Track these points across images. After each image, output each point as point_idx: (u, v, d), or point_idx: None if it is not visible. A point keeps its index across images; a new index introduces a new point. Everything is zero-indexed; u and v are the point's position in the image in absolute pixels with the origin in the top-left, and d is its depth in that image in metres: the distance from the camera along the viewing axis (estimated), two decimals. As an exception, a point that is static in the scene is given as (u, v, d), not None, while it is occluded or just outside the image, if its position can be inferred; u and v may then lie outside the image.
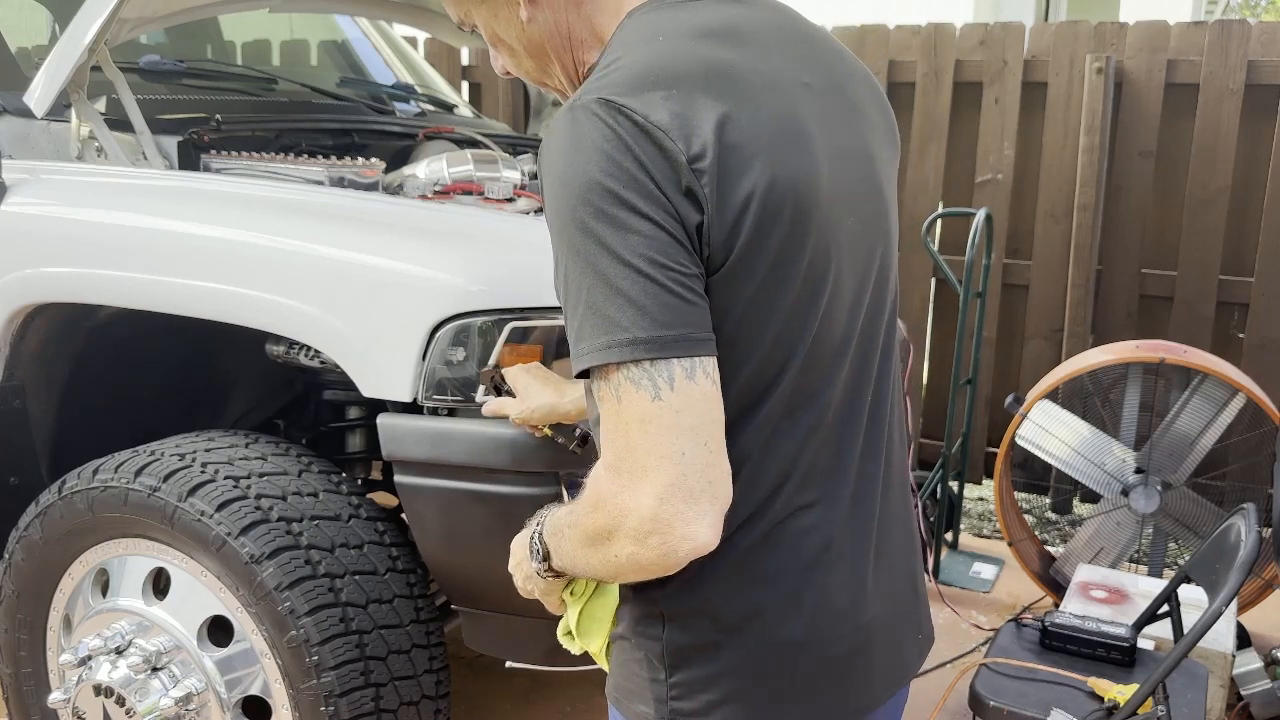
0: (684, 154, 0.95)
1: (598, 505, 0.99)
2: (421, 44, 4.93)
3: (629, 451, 0.95)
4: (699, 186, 0.95)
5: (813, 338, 1.04)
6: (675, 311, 0.94)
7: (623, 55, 1.02)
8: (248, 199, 2.16)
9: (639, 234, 0.93)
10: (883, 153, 1.15)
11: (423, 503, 1.95)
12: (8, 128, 2.41)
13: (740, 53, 1.03)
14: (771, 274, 1.00)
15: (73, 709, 2.09)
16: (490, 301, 1.88)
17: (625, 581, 1.09)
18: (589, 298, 0.95)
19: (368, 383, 1.95)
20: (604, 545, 1.00)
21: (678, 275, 0.94)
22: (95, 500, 2.04)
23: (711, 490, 0.95)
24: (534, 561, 1.16)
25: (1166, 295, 3.88)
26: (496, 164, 2.52)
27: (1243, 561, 1.97)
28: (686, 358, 0.94)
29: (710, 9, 1.07)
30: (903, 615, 1.21)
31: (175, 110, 2.54)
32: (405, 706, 2.00)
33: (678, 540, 0.94)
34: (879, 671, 1.16)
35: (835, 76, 1.11)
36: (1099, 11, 11.22)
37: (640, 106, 0.95)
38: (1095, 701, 2.12)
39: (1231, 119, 3.70)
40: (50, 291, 2.23)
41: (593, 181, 0.94)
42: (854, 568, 1.12)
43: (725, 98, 0.98)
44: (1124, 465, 3.09)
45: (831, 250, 1.04)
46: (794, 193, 1.00)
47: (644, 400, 0.93)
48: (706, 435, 0.95)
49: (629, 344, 0.93)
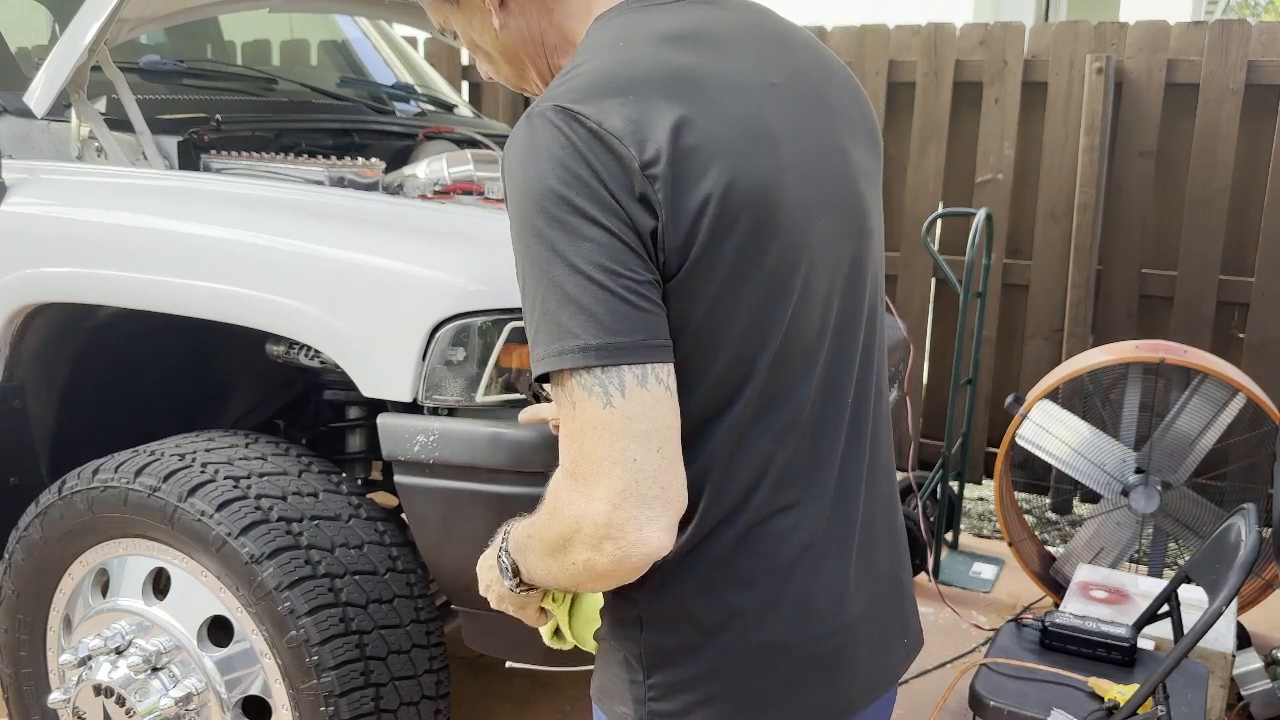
0: (637, 159, 0.94)
1: (554, 513, 1.00)
2: (421, 44, 4.93)
3: (583, 458, 0.95)
4: (652, 192, 0.94)
5: (781, 340, 1.03)
6: (627, 319, 0.94)
7: (583, 61, 1.02)
8: (248, 199, 2.16)
9: (592, 241, 0.93)
10: (861, 152, 1.13)
11: (423, 503, 1.95)
12: (8, 128, 2.41)
13: (704, 56, 1.02)
14: (732, 277, 0.99)
15: (73, 709, 2.09)
16: (490, 301, 1.88)
17: (586, 588, 1.07)
18: (543, 304, 0.95)
19: (368, 383, 1.95)
20: (562, 554, 1.00)
21: (630, 282, 0.94)
22: (95, 500, 2.04)
23: (664, 496, 0.95)
24: (505, 580, 1.15)
25: (1166, 295, 3.88)
26: (496, 164, 2.52)
27: (1243, 561, 1.97)
28: (638, 364, 0.94)
29: (677, 12, 1.06)
30: (887, 617, 1.20)
31: (175, 110, 2.54)
32: (405, 706, 2.00)
33: (630, 545, 0.94)
34: (862, 674, 1.15)
35: (808, 76, 1.10)
36: (1099, 11, 11.22)
37: (595, 113, 0.95)
38: (1095, 701, 2.12)
39: (1231, 119, 3.70)
40: (50, 291, 2.23)
41: (547, 189, 0.94)
42: (836, 569, 1.11)
43: (684, 102, 0.97)
44: (1124, 465, 3.09)
45: (799, 251, 1.03)
46: (755, 195, 0.99)
47: (596, 407, 0.93)
48: (660, 441, 0.95)
49: (580, 350, 0.93)
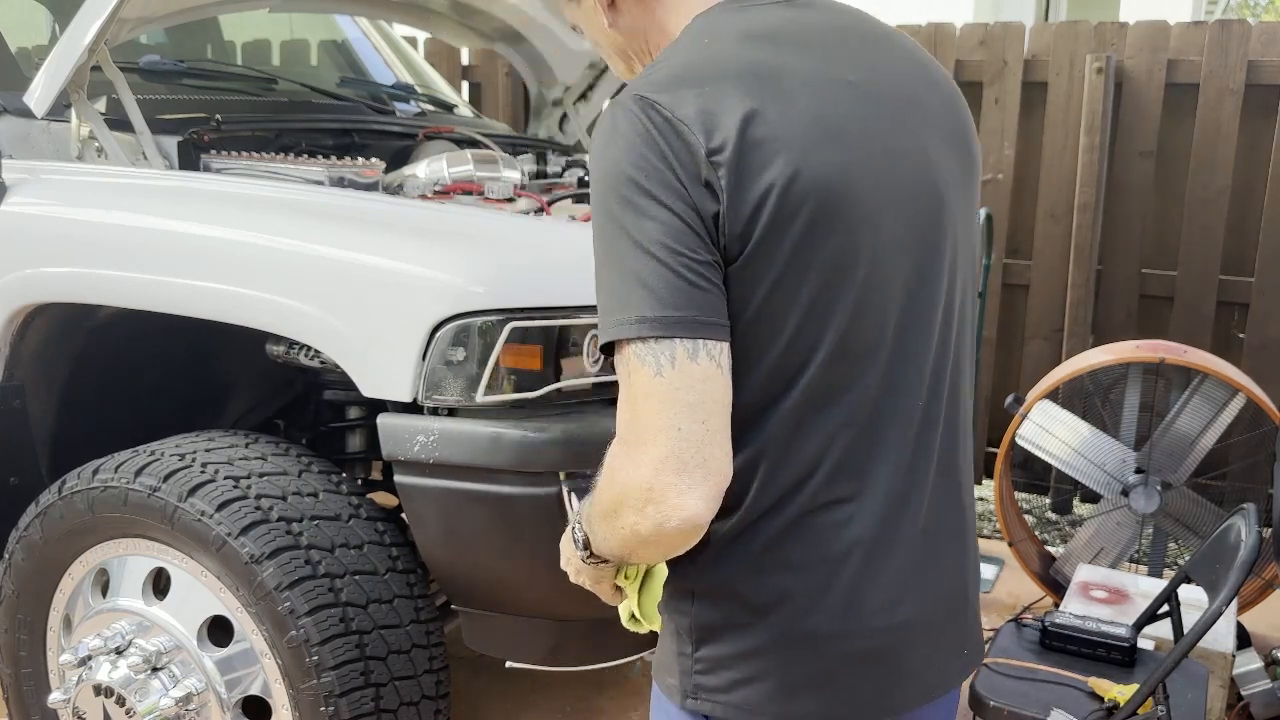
0: (704, 147, 0.99)
1: (607, 478, 1.05)
2: (421, 44, 4.92)
3: (633, 424, 1.01)
4: (716, 179, 0.99)
5: (840, 334, 1.06)
6: (683, 295, 0.99)
7: (670, 56, 1.09)
8: (248, 199, 2.16)
9: (657, 221, 0.99)
10: (947, 156, 1.15)
11: (423, 503, 1.95)
12: (8, 128, 2.41)
13: (784, 53, 1.07)
14: (791, 266, 1.03)
15: (73, 709, 2.09)
16: (490, 301, 1.88)
17: (639, 557, 1.11)
18: (610, 279, 1.02)
19: (368, 383, 1.95)
20: (614, 518, 1.05)
21: (690, 261, 0.99)
22: (95, 500, 2.04)
23: (705, 466, 0.99)
24: (578, 551, 1.20)
25: (1166, 295, 3.88)
26: (496, 164, 2.52)
27: (1243, 561, 1.97)
28: (690, 339, 0.99)
29: (766, 12, 1.11)
30: (944, 627, 1.20)
31: (175, 110, 2.54)
32: (405, 706, 2.00)
33: (670, 510, 0.99)
34: (909, 678, 1.16)
35: (894, 77, 1.13)
36: (1099, 11, 11.22)
37: (670, 102, 1.01)
38: (1095, 701, 2.12)
39: (1231, 119, 3.70)
40: (50, 291, 2.23)
41: (621, 172, 1.01)
42: (890, 569, 1.12)
43: (756, 95, 1.02)
44: (1124, 465, 3.09)
45: (863, 248, 1.06)
46: (819, 188, 1.02)
47: (647, 376, 0.99)
48: (706, 414, 0.99)
49: (636, 322, 0.99)
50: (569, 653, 2.13)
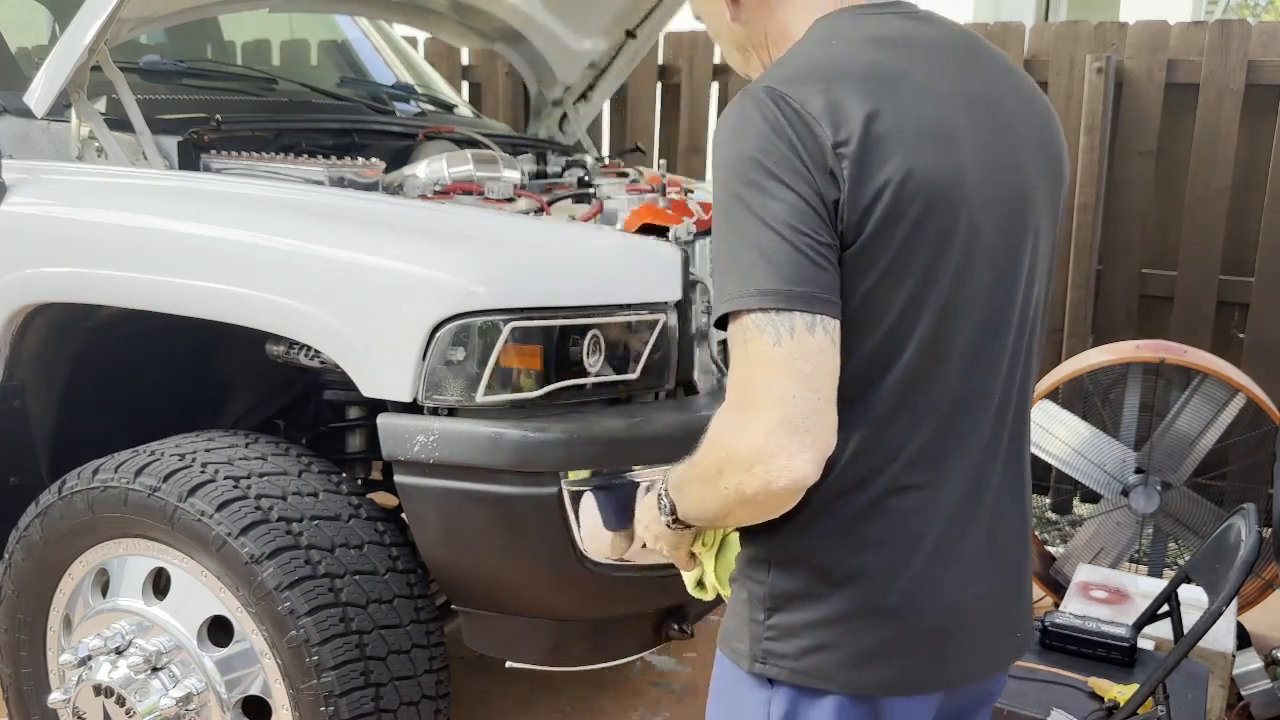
0: (830, 139, 1.07)
1: (713, 441, 1.13)
2: (421, 44, 4.92)
3: (747, 390, 1.08)
4: (840, 169, 1.07)
5: (933, 327, 1.14)
6: (805, 271, 1.06)
7: (797, 53, 1.17)
8: (248, 199, 2.16)
9: (783, 202, 1.07)
10: (1037, 172, 1.23)
11: (423, 503, 1.95)
12: (8, 128, 2.41)
13: (903, 59, 1.16)
14: (898, 260, 1.11)
15: (73, 709, 2.09)
16: (490, 301, 1.88)
17: (735, 518, 1.18)
18: (732, 254, 1.09)
19: (368, 383, 1.95)
20: (716, 479, 1.12)
21: (812, 241, 1.07)
22: (95, 500, 2.04)
23: (814, 432, 1.06)
24: (663, 515, 1.27)
25: (1166, 295, 3.88)
26: (496, 164, 2.52)
27: (1243, 561, 1.97)
28: (809, 313, 1.06)
29: (885, 22, 1.19)
30: (1003, 609, 1.28)
31: (175, 110, 2.54)
32: (405, 706, 2.00)
33: (778, 471, 1.06)
34: (969, 654, 1.24)
35: (997, 94, 1.22)
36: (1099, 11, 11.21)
37: (798, 95, 1.09)
38: (1095, 701, 2.12)
39: (1231, 119, 3.70)
40: (50, 291, 2.23)
41: (749, 156, 1.08)
42: (957, 555, 1.20)
43: (878, 96, 1.10)
44: (1124, 465, 3.09)
45: (960, 248, 1.14)
46: (929, 188, 1.10)
47: (766, 345, 1.06)
48: (818, 384, 1.06)
49: (759, 294, 1.06)
50: (569, 653, 2.13)
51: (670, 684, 2.95)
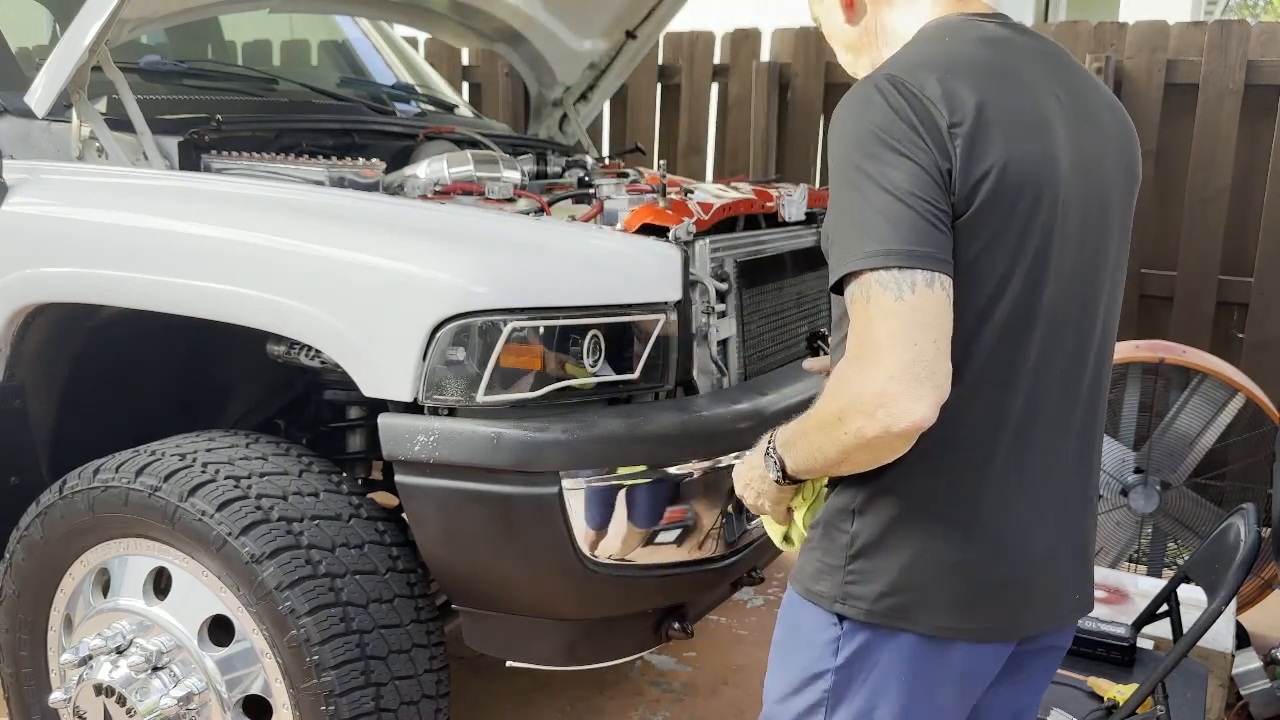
0: (946, 120, 1.19)
1: (835, 391, 1.22)
2: (421, 44, 4.93)
3: (869, 341, 1.17)
4: (953, 146, 1.19)
5: (1023, 302, 1.25)
6: (924, 234, 1.17)
7: (913, 48, 1.30)
8: (248, 199, 2.16)
9: (902, 170, 1.18)
10: (1115, 171, 1.36)
11: (423, 502, 1.95)
12: (9, 128, 2.41)
13: (1006, 58, 1.29)
14: (998, 233, 1.22)
15: (73, 708, 2.09)
16: (491, 301, 1.88)
17: (850, 463, 1.26)
18: (856, 217, 1.19)
19: (368, 383, 1.95)
20: (837, 426, 1.21)
21: (930, 207, 1.18)
22: (96, 500, 2.04)
23: (933, 379, 1.16)
24: (771, 473, 1.37)
25: (1166, 295, 3.88)
26: (497, 164, 2.52)
27: (1242, 561, 1.98)
28: (929, 270, 1.16)
29: (989, 26, 1.32)
30: (1068, 570, 1.39)
31: (176, 110, 2.54)
32: (405, 706, 2.00)
33: (900, 413, 1.15)
34: (1033, 607, 1.35)
35: (1084, 100, 1.34)
36: (1099, 11, 11.21)
37: (917, 81, 1.21)
38: (1095, 701, 2.12)
39: (1231, 119, 3.70)
40: (51, 291, 2.23)
41: (871, 131, 1.20)
42: (1033, 514, 1.31)
43: (987, 88, 1.23)
44: (1123, 465, 3.10)
45: (1050, 232, 1.25)
46: (1027, 174, 1.22)
47: (889, 299, 1.16)
48: (936, 334, 1.16)
49: (884, 253, 1.16)
50: (569, 652, 2.13)
51: (670, 684, 2.96)
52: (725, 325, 2.19)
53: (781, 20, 4.53)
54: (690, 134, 4.65)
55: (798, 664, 1.38)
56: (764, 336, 2.37)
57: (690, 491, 1.99)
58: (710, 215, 2.23)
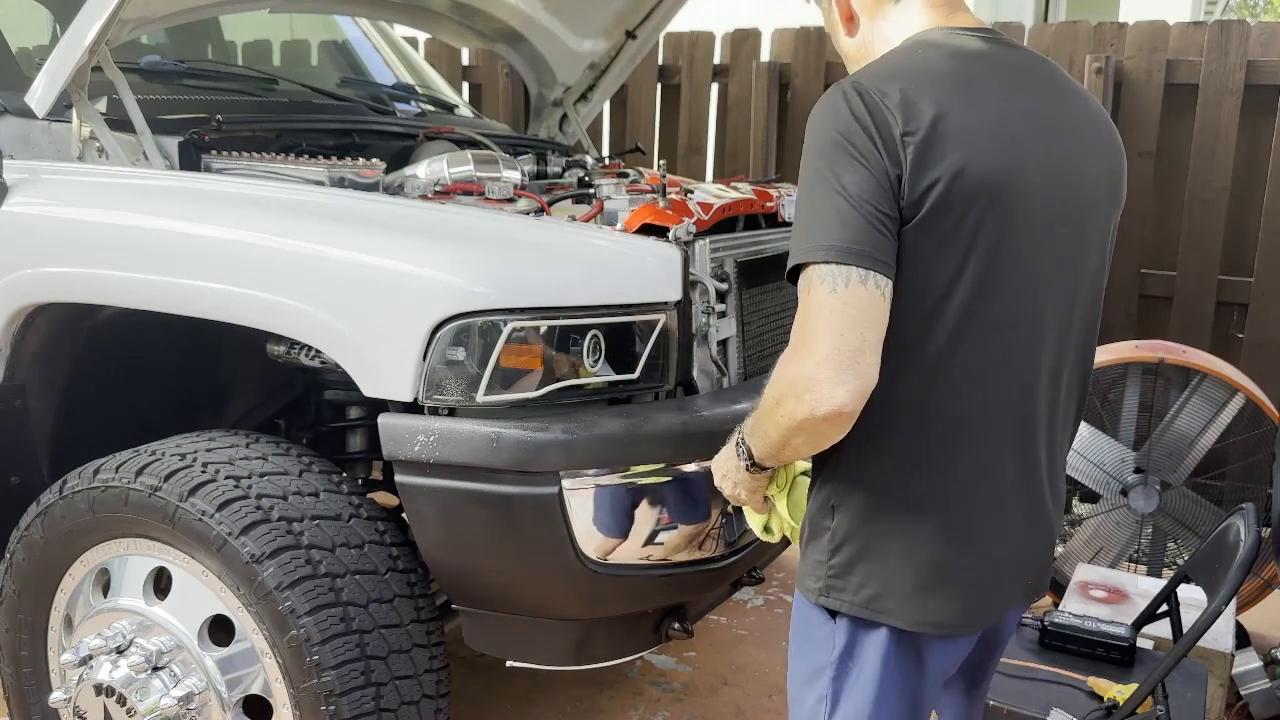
0: (900, 127, 1.26)
1: (776, 375, 1.32)
2: (422, 44, 4.93)
3: (805, 329, 1.26)
4: (903, 153, 1.26)
5: (976, 301, 1.31)
6: (865, 235, 1.25)
7: (889, 57, 1.38)
8: (249, 199, 2.16)
9: (854, 175, 1.26)
10: (1096, 182, 1.43)
11: (423, 502, 1.95)
12: (9, 128, 2.41)
13: (977, 72, 1.35)
14: (947, 238, 1.28)
15: (74, 708, 2.10)
16: (491, 302, 1.88)
17: (791, 448, 1.35)
18: (809, 214, 1.29)
19: (368, 383, 1.95)
20: (776, 409, 1.31)
21: (875, 211, 1.25)
22: (96, 500, 2.04)
23: (856, 369, 1.24)
24: (741, 460, 1.47)
25: (1165, 295, 3.88)
26: (497, 164, 2.52)
27: (1242, 561, 1.98)
28: (863, 269, 1.24)
29: (969, 39, 1.39)
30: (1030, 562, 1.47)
31: (176, 110, 2.54)
32: (405, 705, 2.00)
33: (823, 398, 1.24)
34: (998, 598, 1.43)
35: (1065, 115, 1.40)
36: (1098, 11, 11.21)
37: (881, 89, 1.29)
38: (1095, 701, 2.13)
39: (1231, 119, 3.70)
40: (51, 291, 2.23)
41: (832, 135, 1.28)
42: (1002, 509, 1.39)
43: (950, 99, 1.29)
44: (1123, 465, 3.10)
45: (1006, 245, 1.31)
46: (983, 185, 1.28)
47: (825, 291, 1.25)
48: (864, 328, 1.24)
49: (825, 249, 1.25)
50: (569, 652, 2.14)
51: (670, 684, 2.96)
52: (725, 325, 2.20)
53: (781, 20, 4.54)
54: (690, 134, 4.65)
55: (806, 658, 1.47)
56: (764, 336, 2.38)
57: (690, 492, 1.99)
58: (710, 215, 2.23)
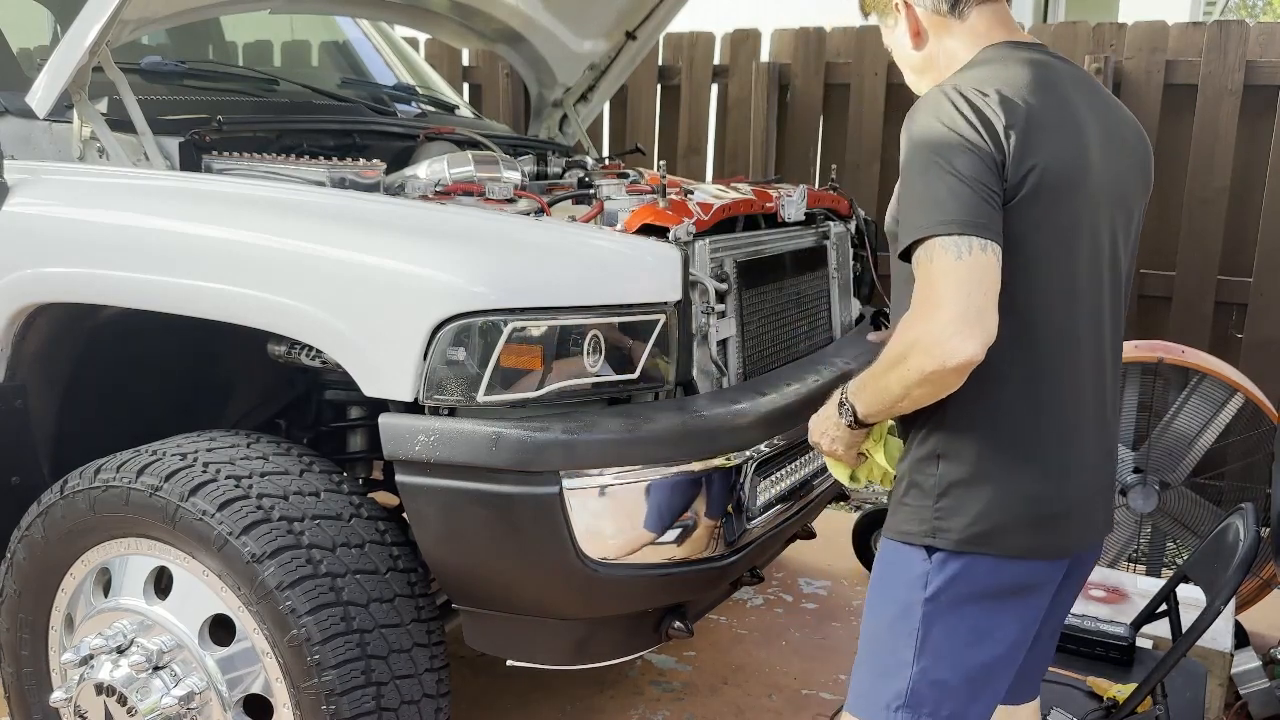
0: (1002, 121, 1.48)
1: (899, 335, 1.49)
2: (422, 45, 4.93)
3: (931, 293, 1.43)
4: (1006, 143, 1.47)
5: (1057, 275, 1.52)
6: (981, 209, 1.44)
7: (975, 66, 1.60)
8: (249, 199, 2.16)
9: (966, 159, 1.45)
10: (1134, 176, 1.65)
11: (424, 502, 1.95)
12: (10, 128, 2.41)
13: (1050, 78, 1.57)
14: (1039, 218, 1.49)
15: (74, 708, 2.10)
16: (491, 302, 1.89)
17: (911, 399, 1.52)
18: (924, 196, 1.47)
19: (369, 383, 1.95)
20: (900, 364, 1.48)
21: (986, 190, 1.45)
22: (97, 500, 2.04)
23: (981, 324, 1.42)
24: (844, 419, 1.65)
25: (1165, 295, 3.89)
26: (497, 165, 2.52)
27: (1241, 561, 1.98)
28: (982, 238, 1.43)
29: (1036, 54, 1.61)
30: (1103, 500, 1.68)
31: (177, 111, 2.54)
32: (406, 705, 2.00)
33: (953, 350, 1.41)
34: (1082, 530, 1.63)
35: (1110, 118, 1.63)
36: (1098, 12, 11.21)
37: (979, 90, 1.51)
38: (1094, 700, 2.13)
39: (1230, 119, 3.71)
40: (52, 291, 2.23)
41: (941, 127, 1.48)
42: (1080, 452, 1.59)
43: (1036, 100, 1.51)
44: (1123, 465, 3.10)
45: (1083, 224, 1.54)
46: (1065, 173, 1.51)
47: (950, 259, 1.42)
48: (986, 289, 1.42)
49: (949, 222, 1.43)
50: (569, 651, 2.14)
51: (670, 683, 2.96)
52: (725, 325, 2.20)
53: (781, 21, 4.54)
54: (690, 134, 4.66)
55: (893, 599, 1.63)
56: (764, 336, 2.38)
57: (690, 491, 1.99)
58: (710, 216, 2.23)
